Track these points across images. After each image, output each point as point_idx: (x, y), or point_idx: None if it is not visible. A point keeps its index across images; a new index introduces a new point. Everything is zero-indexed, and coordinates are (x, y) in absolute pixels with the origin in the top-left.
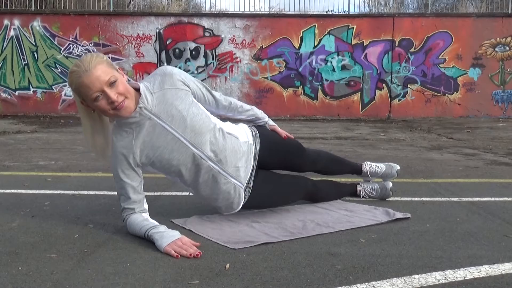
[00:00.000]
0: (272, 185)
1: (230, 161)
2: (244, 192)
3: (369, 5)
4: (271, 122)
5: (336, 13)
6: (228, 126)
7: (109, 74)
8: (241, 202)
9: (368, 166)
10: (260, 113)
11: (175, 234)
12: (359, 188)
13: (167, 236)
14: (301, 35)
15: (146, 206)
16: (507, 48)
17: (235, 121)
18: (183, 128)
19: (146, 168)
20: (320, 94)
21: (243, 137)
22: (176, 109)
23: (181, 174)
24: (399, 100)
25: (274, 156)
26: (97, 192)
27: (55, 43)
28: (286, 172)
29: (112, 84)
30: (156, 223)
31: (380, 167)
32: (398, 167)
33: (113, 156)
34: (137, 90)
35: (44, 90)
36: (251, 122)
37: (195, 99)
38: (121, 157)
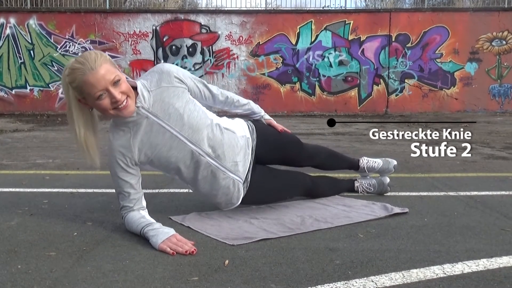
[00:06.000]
0: (270, 180)
1: (228, 156)
2: (242, 186)
3: (365, 0)
4: (267, 117)
5: (332, 8)
6: (225, 121)
7: (113, 73)
8: (240, 196)
9: (365, 161)
10: (256, 108)
11: (170, 231)
12: (356, 184)
13: (162, 233)
14: (298, 31)
15: (144, 204)
16: (504, 42)
17: (232, 115)
18: (181, 125)
19: (144, 167)
20: (318, 90)
21: (240, 132)
22: (173, 107)
23: (180, 171)
24: (396, 95)
25: (271, 150)
26: (95, 190)
27: (52, 41)
28: (284, 167)
29: (116, 83)
30: (152, 220)
31: (377, 162)
32: (395, 162)
33: (111, 155)
34: (134, 88)
35: (41, 89)
36: (247, 116)
37: (191, 95)
38: (119, 156)
